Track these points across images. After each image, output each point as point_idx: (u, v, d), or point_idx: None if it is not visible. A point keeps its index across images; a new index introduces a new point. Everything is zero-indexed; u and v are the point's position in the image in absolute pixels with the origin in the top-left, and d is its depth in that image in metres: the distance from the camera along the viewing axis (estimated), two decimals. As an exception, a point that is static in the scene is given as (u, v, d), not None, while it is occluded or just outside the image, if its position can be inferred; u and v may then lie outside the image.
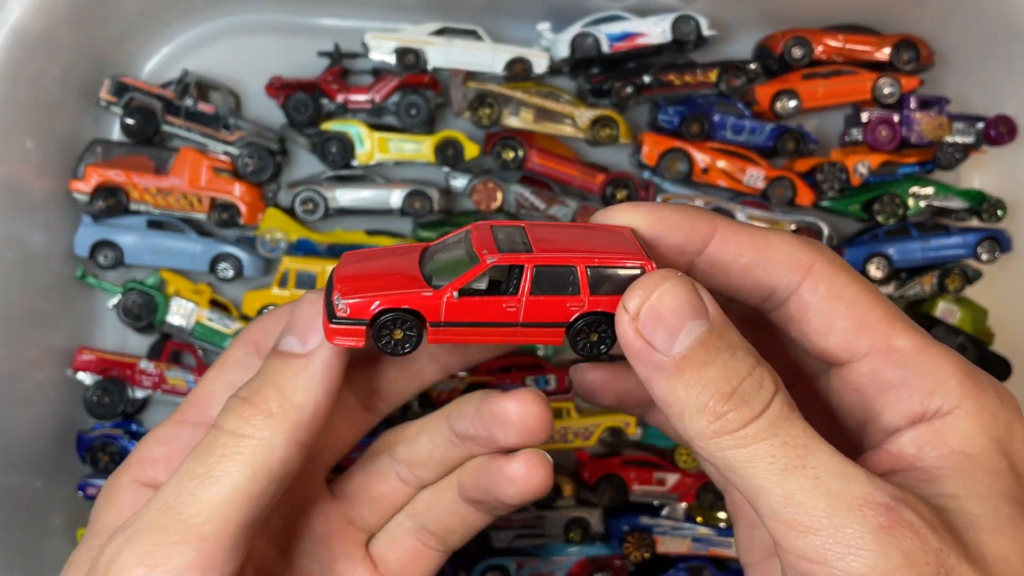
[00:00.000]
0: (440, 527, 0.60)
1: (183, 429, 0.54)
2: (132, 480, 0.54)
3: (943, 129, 1.35)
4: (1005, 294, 1.42)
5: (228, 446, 0.46)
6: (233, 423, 0.47)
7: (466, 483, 0.57)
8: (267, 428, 0.46)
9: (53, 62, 1.15)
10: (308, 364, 0.47)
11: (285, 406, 0.47)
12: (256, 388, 0.48)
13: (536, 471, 0.54)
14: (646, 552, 1.34)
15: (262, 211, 1.30)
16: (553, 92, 1.33)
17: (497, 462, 0.55)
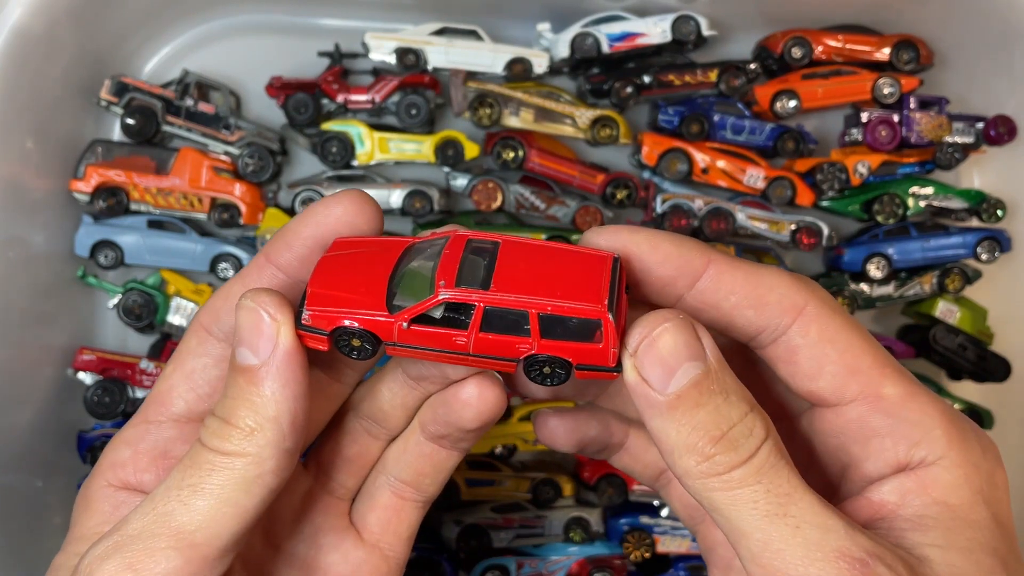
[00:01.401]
0: (412, 473, 0.60)
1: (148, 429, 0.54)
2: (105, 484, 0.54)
3: (943, 129, 1.35)
4: (1005, 294, 1.42)
5: (216, 462, 0.46)
6: (216, 442, 0.47)
7: (426, 419, 0.57)
8: (251, 444, 0.46)
9: (53, 62, 1.15)
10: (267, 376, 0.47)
11: (261, 421, 0.46)
12: (230, 408, 0.47)
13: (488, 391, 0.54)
14: (646, 552, 1.34)
15: (262, 211, 1.30)
16: (553, 92, 1.33)
17: (450, 391, 0.55)
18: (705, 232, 1.33)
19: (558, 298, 0.47)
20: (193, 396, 0.53)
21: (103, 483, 0.54)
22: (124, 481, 0.53)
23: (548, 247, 0.51)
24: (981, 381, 1.40)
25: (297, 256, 0.51)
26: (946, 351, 1.36)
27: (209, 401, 0.53)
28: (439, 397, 0.56)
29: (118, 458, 0.53)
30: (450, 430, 0.57)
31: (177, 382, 0.53)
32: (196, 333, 0.53)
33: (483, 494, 1.34)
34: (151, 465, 0.53)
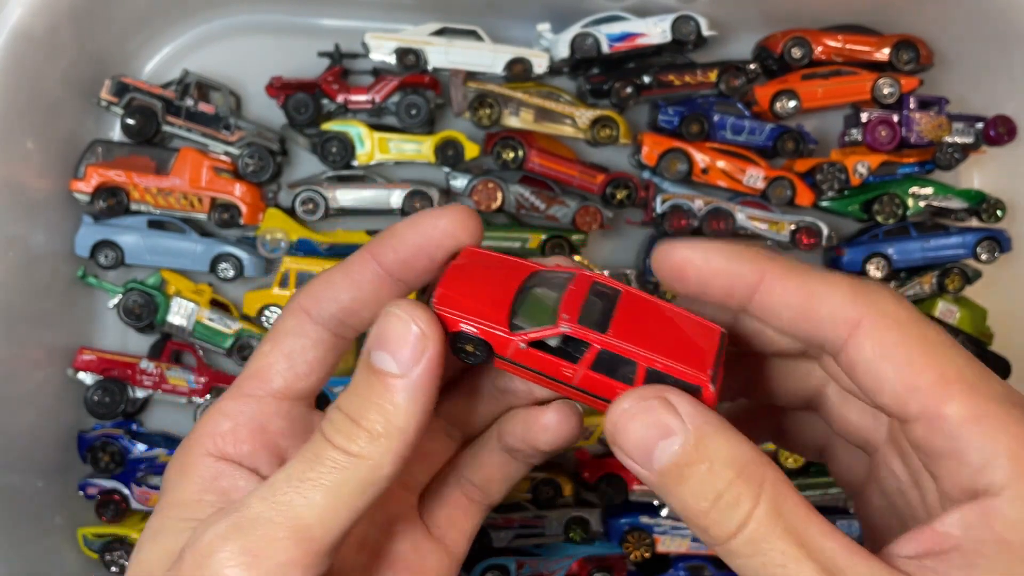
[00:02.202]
0: (482, 478, 0.62)
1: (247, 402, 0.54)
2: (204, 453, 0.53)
3: (942, 129, 1.35)
4: (1004, 294, 1.42)
5: (338, 460, 0.47)
6: (341, 440, 0.48)
7: (504, 431, 0.60)
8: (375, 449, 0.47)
9: (54, 62, 1.15)
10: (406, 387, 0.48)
11: (389, 429, 0.47)
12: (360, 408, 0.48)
13: (568, 419, 0.57)
14: (646, 551, 1.34)
15: (263, 211, 1.30)
16: (553, 92, 1.33)
17: (533, 412, 0.58)
18: (705, 232, 1.34)
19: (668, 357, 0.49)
20: (292, 375, 0.54)
21: (201, 451, 0.53)
22: (223, 451, 0.53)
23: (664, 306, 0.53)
24: (981, 381, 1.40)
25: (400, 258, 0.53)
26: (946, 351, 1.36)
27: (306, 380, 0.55)
28: (520, 414, 0.59)
29: (217, 428, 0.54)
30: (525, 447, 0.59)
31: (276, 360, 0.54)
32: (295, 314, 0.54)
33: (483, 494, 1.34)
34: (249, 438, 0.53)
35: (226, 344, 1.28)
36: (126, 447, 1.27)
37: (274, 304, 1.29)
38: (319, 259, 1.30)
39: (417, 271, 0.53)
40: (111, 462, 1.26)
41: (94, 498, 1.27)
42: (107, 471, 1.27)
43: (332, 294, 0.53)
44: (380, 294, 0.53)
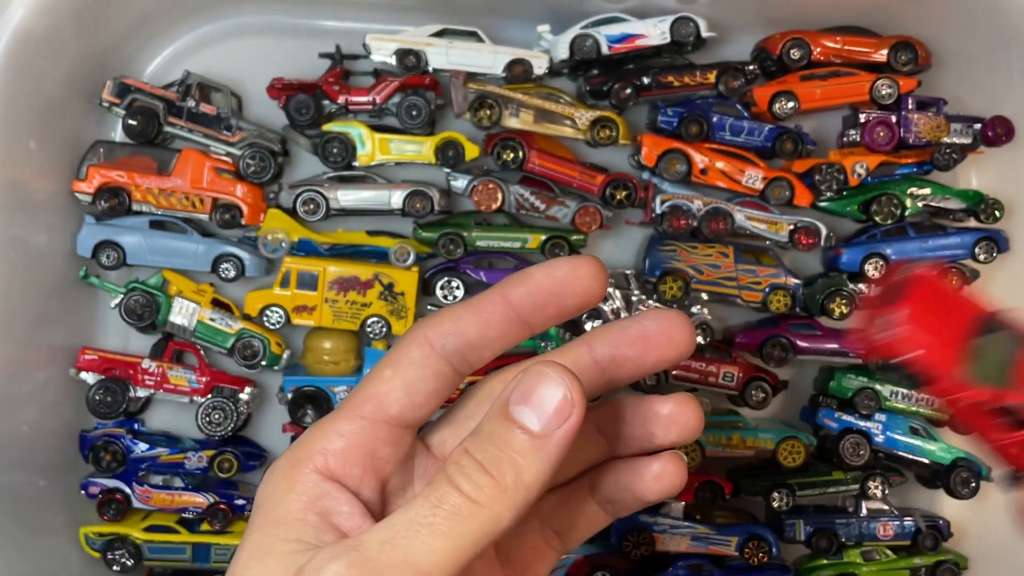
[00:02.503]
0: (565, 526, 0.62)
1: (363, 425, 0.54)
2: (312, 469, 0.53)
3: (941, 130, 1.35)
4: (1003, 294, 1.42)
5: (462, 507, 0.47)
6: (469, 487, 0.47)
7: (603, 484, 0.60)
8: (500, 502, 0.47)
9: (56, 63, 1.16)
10: (545, 446, 0.48)
11: (519, 484, 0.47)
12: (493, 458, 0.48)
13: (678, 470, 0.57)
14: (645, 550, 1.35)
15: (264, 212, 1.31)
16: (553, 93, 1.34)
17: (641, 462, 0.58)
18: (704, 232, 1.34)
19: None
20: (408, 403, 0.54)
21: (310, 467, 0.53)
22: (331, 471, 0.53)
23: None
24: (979, 381, 1.40)
25: (533, 301, 0.54)
26: (944, 351, 1.37)
27: (420, 411, 0.55)
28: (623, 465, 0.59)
29: (331, 447, 0.53)
30: (627, 498, 0.59)
31: (396, 387, 0.54)
32: (420, 346, 0.54)
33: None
34: (360, 462, 0.53)
35: (227, 344, 1.29)
36: (128, 446, 1.28)
37: (275, 304, 1.30)
38: (320, 259, 1.30)
39: (546, 316, 0.54)
40: (113, 461, 1.27)
41: (96, 497, 1.27)
42: (109, 470, 1.27)
43: (459, 328, 0.54)
44: (506, 334, 0.54)
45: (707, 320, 1.34)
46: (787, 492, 1.38)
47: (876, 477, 1.39)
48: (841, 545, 1.41)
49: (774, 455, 1.37)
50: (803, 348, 1.37)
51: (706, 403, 1.41)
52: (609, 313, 1.33)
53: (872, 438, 1.39)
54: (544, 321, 0.54)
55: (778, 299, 1.36)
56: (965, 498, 1.40)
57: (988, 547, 1.44)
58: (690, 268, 1.35)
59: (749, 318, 1.44)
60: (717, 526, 1.38)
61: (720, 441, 1.37)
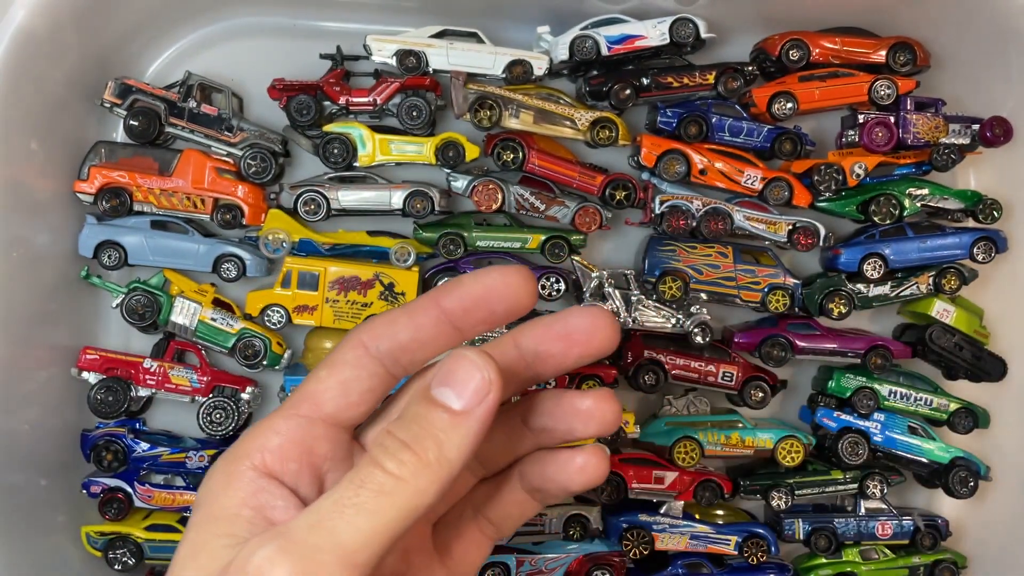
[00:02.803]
0: (499, 515, 0.64)
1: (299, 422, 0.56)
2: (250, 466, 0.54)
3: (939, 130, 1.36)
4: (1001, 294, 1.43)
5: (386, 485, 0.48)
6: (392, 464, 0.49)
7: (530, 474, 0.61)
8: (423, 476, 0.49)
9: (57, 64, 1.16)
10: (465, 422, 0.50)
11: (441, 459, 0.49)
12: (416, 435, 0.50)
13: (601, 462, 0.60)
14: (644, 549, 1.35)
15: (265, 212, 1.31)
16: (553, 94, 1.34)
17: (565, 454, 0.60)
18: (704, 232, 1.34)
19: None
20: (344, 402, 0.56)
21: (247, 464, 0.55)
22: (268, 466, 0.55)
23: None
24: (977, 380, 1.41)
25: (462, 305, 0.55)
26: (943, 351, 1.37)
27: (355, 410, 0.57)
28: (549, 456, 0.61)
29: (267, 444, 0.55)
30: (553, 487, 0.61)
31: (331, 386, 0.56)
32: (355, 348, 0.56)
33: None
34: (297, 458, 0.55)
35: (228, 343, 1.29)
36: (129, 446, 1.28)
37: (276, 304, 1.30)
38: (321, 259, 1.31)
39: (475, 320, 0.55)
40: (114, 461, 1.27)
41: (97, 496, 1.28)
42: (110, 470, 1.28)
43: (391, 332, 0.56)
44: (438, 338, 0.56)
45: (706, 320, 1.35)
46: (786, 491, 1.39)
47: (875, 476, 1.39)
48: (840, 544, 1.41)
49: (773, 454, 1.38)
50: (802, 348, 1.38)
51: (705, 403, 1.42)
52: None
53: (871, 437, 1.39)
54: (474, 326, 0.55)
55: (777, 299, 1.36)
56: (964, 497, 1.40)
57: (987, 546, 1.44)
58: (689, 268, 1.36)
59: (748, 318, 1.45)
60: (716, 525, 1.39)
61: (719, 440, 1.37)
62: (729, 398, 1.45)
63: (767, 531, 1.38)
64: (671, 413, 1.40)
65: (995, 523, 1.44)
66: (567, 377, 1.35)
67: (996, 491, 1.43)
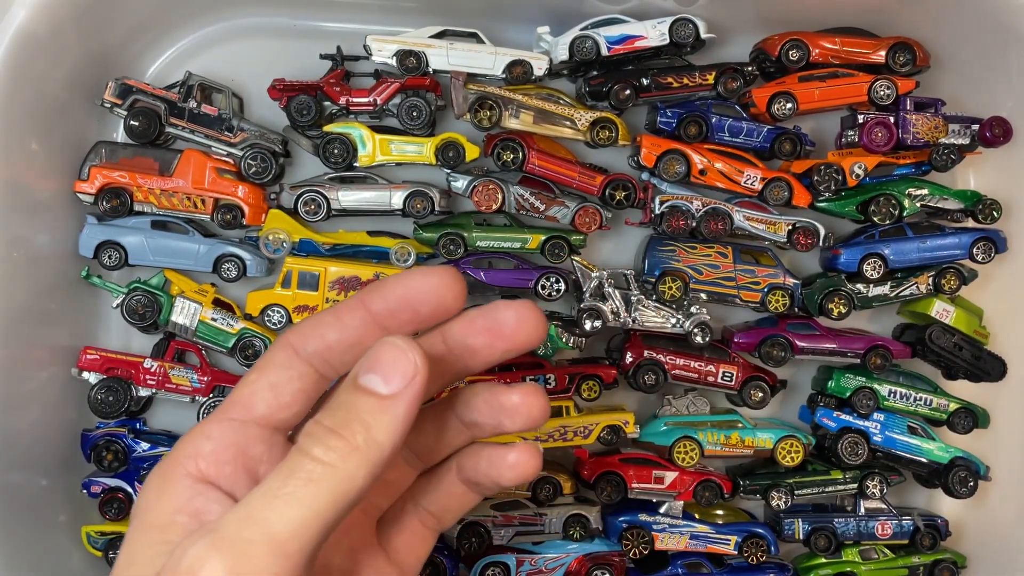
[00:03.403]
0: (439, 507, 0.65)
1: (231, 426, 0.56)
2: (184, 473, 0.55)
3: (939, 131, 1.36)
4: (1000, 294, 1.43)
5: (314, 472, 0.48)
6: (320, 451, 0.49)
7: (466, 467, 0.63)
8: (352, 460, 0.49)
9: (58, 64, 1.17)
10: (393, 406, 0.50)
11: (369, 442, 0.49)
12: (343, 421, 0.50)
13: (532, 459, 0.60)
14: (644, 548, 1.35)
15: (265, 212, 1.31)
16: (553, 94, 1.34)
17: (498, 450, 0.61)
18: (703, 232, 1.35)
19: None
20: (275, 403, 0.57)
21: (181, 471, 0.55)
22: (203, 472, 0.55)
23: None
24: (977, 380, 1.41)
25: (388, 307, 0.56)
26: (942, 351, 1.37)
27: (288, 411, 0.57)
28: (485, 452, 0.62)
29: (200, 449, 0.55)
30: (487, 481, 0.62)
31: (261, 388, 0.57)
32: (283, 349, 0.57)
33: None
34: (231, 460, 0.55)
35: (229, 344, 1.30)
36: (130, 446, 1.28)
37: (277, 304, 1.30)
38: (321, 259, 1.31)
39: (401, 321, 0.56)
40: (115, 460, 1.28)
41: (98, 496, 1.28)
42: (111, 469, 1.28)
43: (319, 333, 0.56)
44: (365, 338, 0.56)
45: (706, 320, 1.35)
46: (786, 491, 1.39)
47: (874, 476, 1.40)
48: (839, 544, 1.41)
49: (772, 454, 1.38)
50: (802, 348, 1.38)
51: (705, 403, 1.42)
52: (608, 313, 1.33)
53: (870, 437, 1.39)
54: (401, 326, 0.56)
55: (777, 299, 1.36)
56: (963, 497, 1.40)
57: (986, 546, 1.44)
58: (689, 268, 1.36)
59: (748, 318, 1.45)
60: (716, 525, 1.39)
61: (719, 440, 1.37)
62: (729, 398, 1.45)
63: (767, 531, 1.39)
64: (671, 413, 1.40)
65: (995, 523, 1.44)
66: (567, 377, 1.35)
67: (996, 491, 1.43)
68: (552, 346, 1.35)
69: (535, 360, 1.36)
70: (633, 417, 1.37)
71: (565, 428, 1.35)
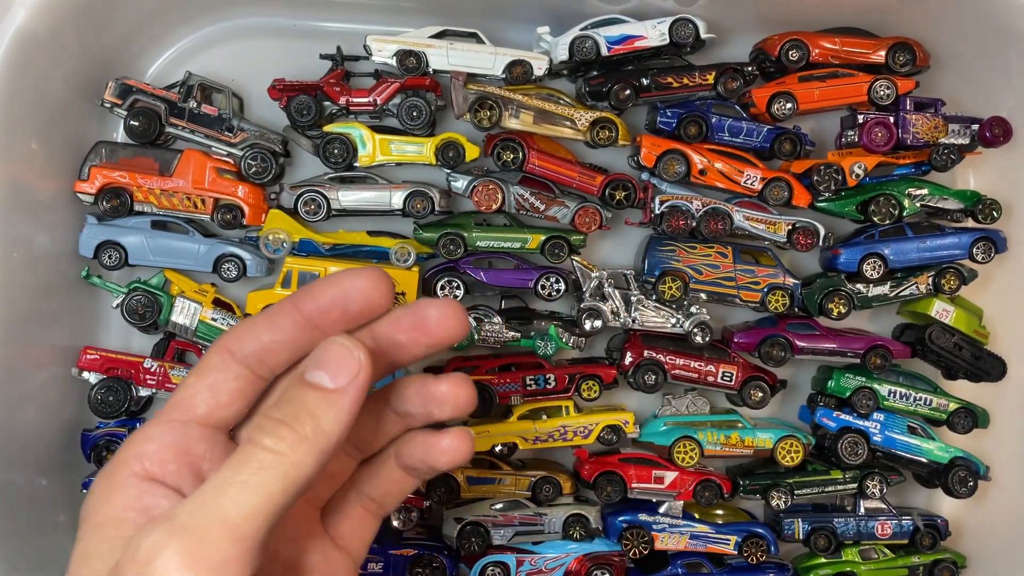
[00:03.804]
0: (380, 493, 0.69)
1: (172, 427, 0.59)
2: (130, 474, 0.57)
3: (938, 131, 1.36)
4: (1000, 294, 1.43)
5: (266, 461, 0.52)
6: (270, 441, 0.52)
7: (404, 454, 0.66)
8: (301, 449, 0.52)
9: (58, 64, 1.17)
10: (340, 399, 0.54)
11: (318, 432, 0.53)
12: (292, 413, 0.54)
13: (464, 444, 0.64)
14: (644, 548, 1.35)
15: (265, 212, 1.31)
16: (553, 94, 1.34)
17: (432, 437, 0.65)
18: (703, 232, 1.35)
19: None
20: (214, 403, 0.59)
21: (127, 472, 0.57)
22: (148, 472, 0.57)
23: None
24: (977, 380, 1.41)
25: (319, 307, 0.59)
26: (942, 351, 1.37)
27: (227, 410, 0.60)
28: (420, 439, 0.65)
29: (144, 451, 0.58)
30: (423, 467, 0.66)
31: (200, 390, 0.59)
32: (219, 352, 0.60)
33: (483, 492, 1.35)
34: (175, 459, 0.58)
35: (229, 343, 1.29)
36: (130, 445, 1.28)
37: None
38: (321, 259, 1.31)
39: (332, 320, 0.59)
40: (115, 460, 1.27)
41: (98, 496, 1.28)
42: (111, 469, 1.28)
43: (253, 334, 0.59)
44: (298, 338, 0.59)
45: (706, 320, 1.35)
46: (786, 491, 1.39)
47: (874, 476, 1.40)
48: (839, 544, 1.41)
49: (772, 454, 1.38)
50: (801, 348, 1.38)
51: (705, 403, 1.42)
52: (608, 313, 1.33)
53: (870, 437, 1.40)
54: (331, 325, 0.59)
55: (776, 299, 1.36)
56: (963, 497, 1.40)
57: (986, 546, 1.44)
58: (689, 268, 1.36)
59: (748, 318, 1.45)
60: (716, 525, 1.39)
61: (719, 440, 1.37)
62: (729, 398, 1.45)
63: (767, 531, 1.39)
64: (671, 413, 1.40)
65: (994, 523, 1.44)
66: (567, 377, 1.35)
67: (995, 491, 1.43)
68: (552, 345, 1.35)
69: (535, 360, 1.36)
70: (633, 417, 1.37)
71: (565, 428, 1.35)
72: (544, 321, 1.36)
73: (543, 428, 1.35)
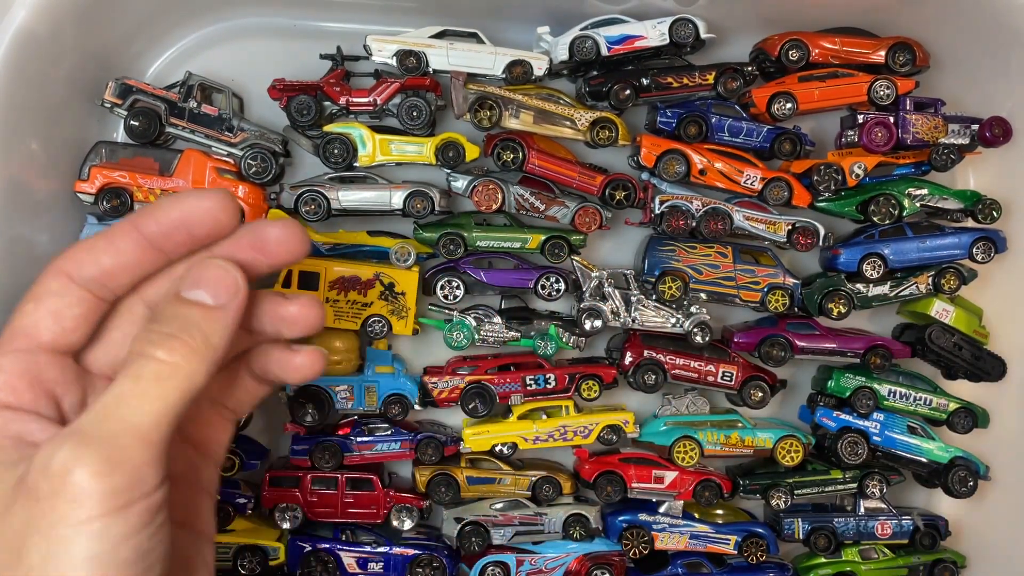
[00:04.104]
0: (233, 401, 0.71)
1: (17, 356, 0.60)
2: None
3: (938, 131, 1.36)
4: (1000, 294, 1.43)
5: (162, 372, 0.54)
6: (164, 353, 0.55)
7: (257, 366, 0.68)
8: (194, 360, 0.56)
9: (58, 64, 1.17)
10: (223, 316, 0.58)
11: (207, 345, 0.56)
12: (180, 328, 0.56)
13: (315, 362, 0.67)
14: (644, 548, 1.35)
15: (265, 212, 1.31)
16: (553, 94, 1.34)
17: (286, 354, 0.67)
18: (703, 232, 1.35)
19: None
20: (59, 330, 0.60)
21: None
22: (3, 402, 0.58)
23: None
24: (977, 380, 1.41)
25: (161, 230, 0.59)
26: (942, 351, 1.37)
27: (73, 335, 0.61)
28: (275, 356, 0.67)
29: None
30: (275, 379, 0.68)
31: (42, 317, 0.60)
32: (57, 277, 0.60)
33: (483, 492, 1.35)
34: (27, 387, 0.59)
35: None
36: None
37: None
38: (321, 259, 1.31)
39: (176, 243, 0.60)
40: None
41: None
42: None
43: (93, 257, 0.59)
44: (142, 262, 0.60)
45: (705, 320, 1.35)
46: (785, 491, 1.39)
47: (874, 476, 1.40)
48: (839, 544, 1.41)
49: (772, 454, 1.38)
50: (801, 347, 1.38)
51: (705, 403, 1.42)
52: (608, 313, 1.33)
53: (870, 437, 1.40)
54: (176, 247, 0.60)
55: (776, 299, 1.36)
56: (963, 497, 1.40)
57: (986, 546, 1.45)
58: (689, 268, 1.36)
59: (748, 318, 1.45)
60: (716, 524, 1.39)
61: (719, 440, 1.37)
62: (729, 398, 1.45)
63: (767, 530, 1.39)
64: (671, 413, 1.40)
65: (994, 523, 1.44)
66: (567, 377, 1.35)
67: (995, 491, 1.43)
68: (552, 345, 1.35)
69: (535, 360, 1.36)
70: (633, 417, 1.37)
71: (565, 428, 1.35)
72: (544, 321, 1.36)
73: (543, 428, 1.35)
